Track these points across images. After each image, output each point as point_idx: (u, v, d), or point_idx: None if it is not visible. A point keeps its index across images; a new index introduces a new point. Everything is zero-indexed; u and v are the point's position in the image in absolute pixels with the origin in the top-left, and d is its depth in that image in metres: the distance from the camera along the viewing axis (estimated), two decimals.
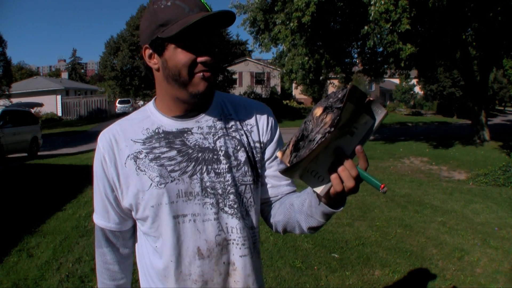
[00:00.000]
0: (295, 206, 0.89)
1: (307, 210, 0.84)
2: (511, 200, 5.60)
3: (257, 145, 0.94)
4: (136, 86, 21.82)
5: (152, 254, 0.92)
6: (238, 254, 0.89)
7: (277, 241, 3.64)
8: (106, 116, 29.93)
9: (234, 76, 29.76)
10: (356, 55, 15.24)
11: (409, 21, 9.70)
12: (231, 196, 0.88)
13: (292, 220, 0.91)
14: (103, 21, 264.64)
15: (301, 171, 0.72)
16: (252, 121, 0.95)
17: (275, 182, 0.97)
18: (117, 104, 30.99)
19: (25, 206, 4.91)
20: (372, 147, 13.22)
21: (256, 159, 0.93)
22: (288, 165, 0.69)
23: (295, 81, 13.83)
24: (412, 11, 9.79)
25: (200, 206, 0.87)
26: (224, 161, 0.88)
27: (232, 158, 0.89)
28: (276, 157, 0.96)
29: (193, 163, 0.87)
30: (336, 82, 18.01)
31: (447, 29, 12.48)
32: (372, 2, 10.12)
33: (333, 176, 0.71)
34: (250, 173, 0.91)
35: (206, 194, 0.87)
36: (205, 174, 0.87)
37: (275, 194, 0.98)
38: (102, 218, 0.95)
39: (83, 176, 7.02)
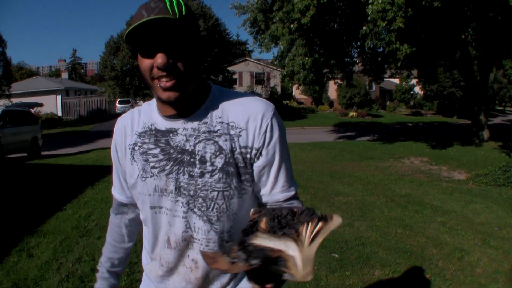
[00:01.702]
0: None
1: None
2: (511, 200, 5.60)
3: (244, 150, 0.89)
4: (136, 86, 21.81)
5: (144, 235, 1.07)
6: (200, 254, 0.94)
7: None
8: (106, 116, 29.93)
9: (234, 76, 29.77)
10: (356, 55, 15.24)
11: (403, 19, 9.71)
12: (200, 200, 0.90)
13: None
14: (103, 21, 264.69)
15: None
16: (242, 124, 0.90)
17: (268, 189, 0.94)
18: (117, 104, 30.98)
19: (25, 206, 4.91)
20: (372, 147, 13.22)
21: (240, 165, 0.90)
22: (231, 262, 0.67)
23: (296, 82, 13.81)
24: (408, 10, 9.80)
25: (172, 202, 0.92)
26: (198, 165, 0.89)
27: (208, 163, 0.89)
28: (270, 163, 0.92)
29: (172, 162, 0.91)
30: (338, 81, 17.98)
31: (446, 29, 12.48)
32: (370, 1, 10.14)
33: None
34: (224, 180, 0.89)
35: (179, 193, 0.91)
36: (181, 174, 0.90)
37: (268, 202, 0.96)
38: (116, 191, 1.15)
39: (83, 176, 7.02)
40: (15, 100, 22.25)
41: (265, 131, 0.89)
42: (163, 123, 0.94)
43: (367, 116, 29.67)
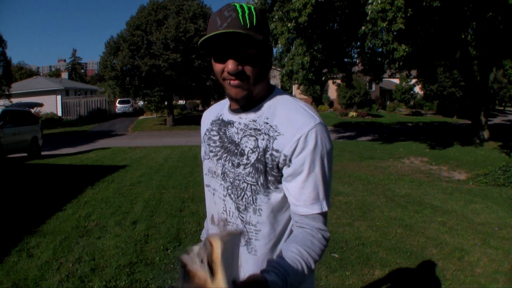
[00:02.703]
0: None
1: None
2: (511, 200, 5.60)
3: (275, 153, 0.94)
4: (136, 86, 21.72)
5: None
6: None
7: None
8: (106, 116, 29.93)
9: None
10: (356, 55, 15.24)
11: (403, 20, 9.71)
12: (235, 187, 1.00)
13: None
14: (103, 21, 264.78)
15: None
16: (282, 129, 0.95)
17: (292, 199, 0.96)
18: (117, 104, 31.00)
19: (25, 206, 4.91)
20: (372, 147, 13.22)
21: (269, 165, 0.95)
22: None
23: (296, 82, 13.80)
24: (408, 11, 9.80)
25: (218, 185, 1.05)
26: (238, 157, 1.00)
27: (245, 157, 0.99)
28: (297, 173, 0.93)
29: (223, 150, 1.04)
30: (337, 81, 17.98)
31: (446, 29, 12.48)
32: (369, 1, 10.15)
33: None
34: (253, 175, 0.97)
35: (223, 178, 1.03)
36: (227, 162, 1.02)
37: (293, 212, 0.97)
38: None
39: (83, 176, 7.02)
40: (15, 100, 22.24)
41: (298, 140, 0.92)
42: (227, 115, 1.08)
43: (367, 116, 29.67)
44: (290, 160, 0.93)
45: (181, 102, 34.53)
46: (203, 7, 23.11)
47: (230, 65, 0.92)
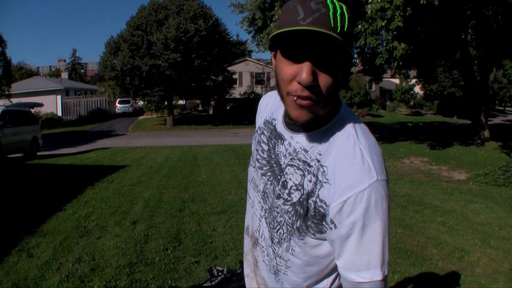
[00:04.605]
0: None
1: None
2: (511, 200, 5.60)
3: (319, 203, 0.80)
4: (136, 86, 21.73)
5: None
6: (261, 258, 0.97)
7: None
8: (106, 116, 29.94)
9: (234, 76, 29.75)
10: (356, 55, 15.22)
11: (401, 19, 9.73)
12: (272, 216, 0.90)
13: None
14: (103, 21, 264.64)
15: None
16: (331, 177, 0.78)
17: (339, 263, 0.81)
18: (117, 104, 31.01)
19: (25, 206, 4.91)
20: None
21: (311, 212, 0.81)
22: None
23: None
24: (407, 10, 9.81)
25: (257, 201, 0.96)
26: (280, 186, 0.87)
27: (287, 191, 0.85)
28: (343, 238, 0.77)
29: (269, 167, 0.92)
30: None
31: (446, 28, 12.47)
32: (369, 1, 10.16)
33: None
34: (290, 215, 0.84)
35: (263, 197, 0.93)
36: (269, 183, 0.91)
37: (341, 275, 0.84)
38: None
39: (83, 176, 7.02)
40: (15, 100, 22.24)
41: (345, 201, 0.75)
42: (280, 126, 0.92)
43: (367, 116, 29.68)
44: (333, 223, 0.78)
45: (181, 102, 34.55)
46: (203, 7, 23.13)
47: (305, 73, 0.71)
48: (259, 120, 1.03)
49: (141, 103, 29.51)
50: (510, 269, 3.21)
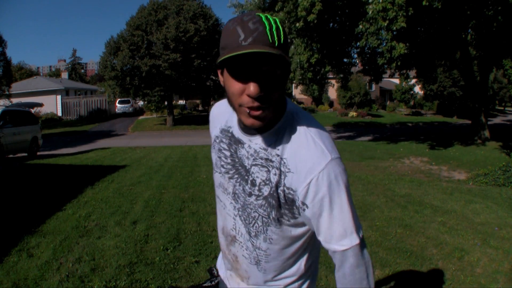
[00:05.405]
0: None
1: None
2: (511, 200, 5.60)
3: (287, 190, 0.89)
4: (136, 86, 21.73)
5: None
6: (241, 253, 1.04)
7: None
8: (106, 116, 29.95)
9: None
10: (356, 55, 15.24)
11: (405, 19, 9.72)
12: (246, 213, 0.97)
13: None
14: (103, 21, 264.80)
15: None
16: (292, 166, 0.87)
17: (322, 238, 0.91)
18: (117, 104, 31.01)
19: (25, 206, 4.91)
20: (372, 147, 13.22)
21: (282, 200, 0.90)
22: None
23: (294, 81, 13.83)
24: (409, 10, 9.82)
25: (228, 202, 1.02)
26: (249, 185, 0.95)
27: (256, 188, 0.93)
28: (318, 215, 0.87)
29: (234, 170, 0.99)
30: (333, 82, 17.99)
31: (446, 28, 12.48)
32: (370, 1, 10.16)
33: None
34: (265, 208, 0.93)
35: (234, 198, 1.00)
36: (238, 184, 0.98)
37: (327, 249, 0.93)
38: None
39: (83, 176, 7.02)
40: (15, 100, 22.24)
41: (309, 184, 0.85)
42: (237, 132, 0.99)
43: (367, 116, 29.68)
44: (306, 205, 0.87)
45: (181, 102, 34.54)
46: (203, 7, 23.12)
47: (253, 87, 0.79)
48: (214, 130, 1.10)
49: (141, 103, 29.48)
50: (510, 269, 3.21)
